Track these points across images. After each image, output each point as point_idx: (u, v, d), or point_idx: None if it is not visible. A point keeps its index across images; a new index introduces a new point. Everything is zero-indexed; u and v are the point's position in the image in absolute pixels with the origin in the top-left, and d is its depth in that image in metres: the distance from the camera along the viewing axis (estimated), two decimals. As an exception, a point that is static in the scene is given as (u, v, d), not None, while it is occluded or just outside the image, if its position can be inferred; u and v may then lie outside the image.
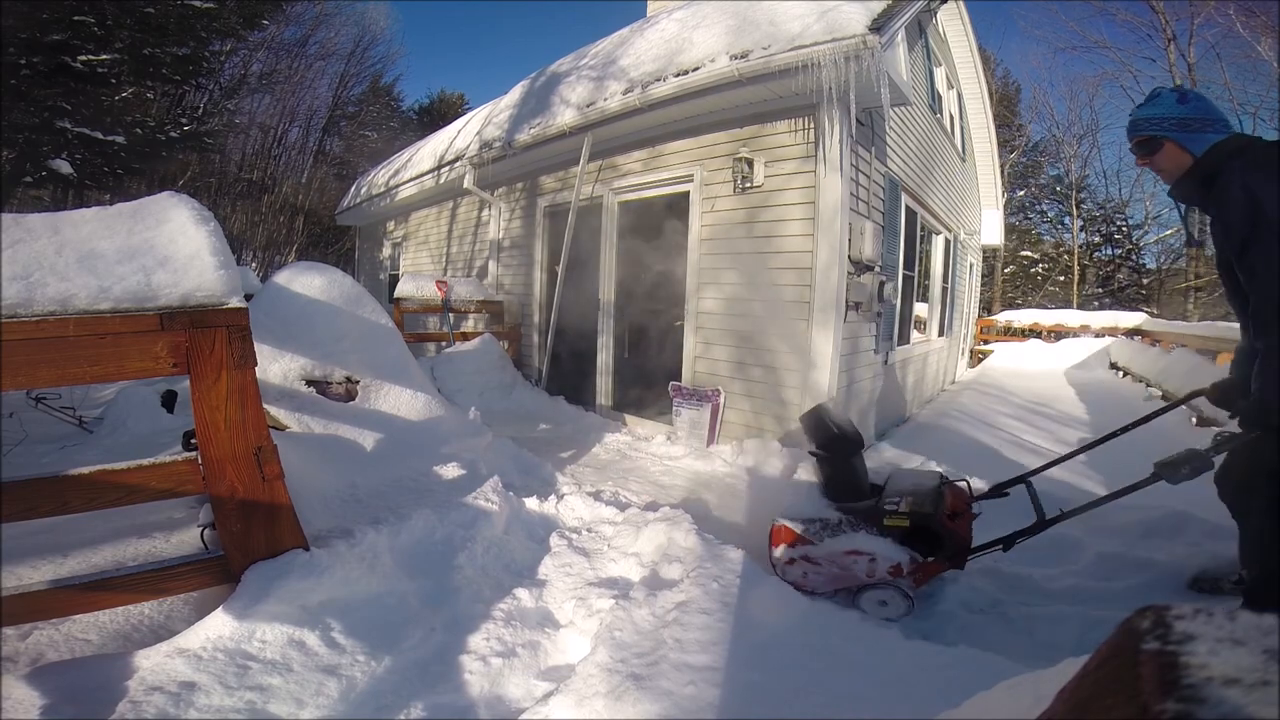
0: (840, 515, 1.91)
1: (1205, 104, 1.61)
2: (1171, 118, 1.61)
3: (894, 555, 1.79)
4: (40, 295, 1.22)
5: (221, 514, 1.45)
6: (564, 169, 5.27)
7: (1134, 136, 1.69)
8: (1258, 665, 0.24)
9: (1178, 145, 1.60)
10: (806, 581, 1.87)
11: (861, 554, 1.81)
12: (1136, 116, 1.68)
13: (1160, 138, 1.62)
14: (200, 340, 1.35)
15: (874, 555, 1.80)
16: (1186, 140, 1.59)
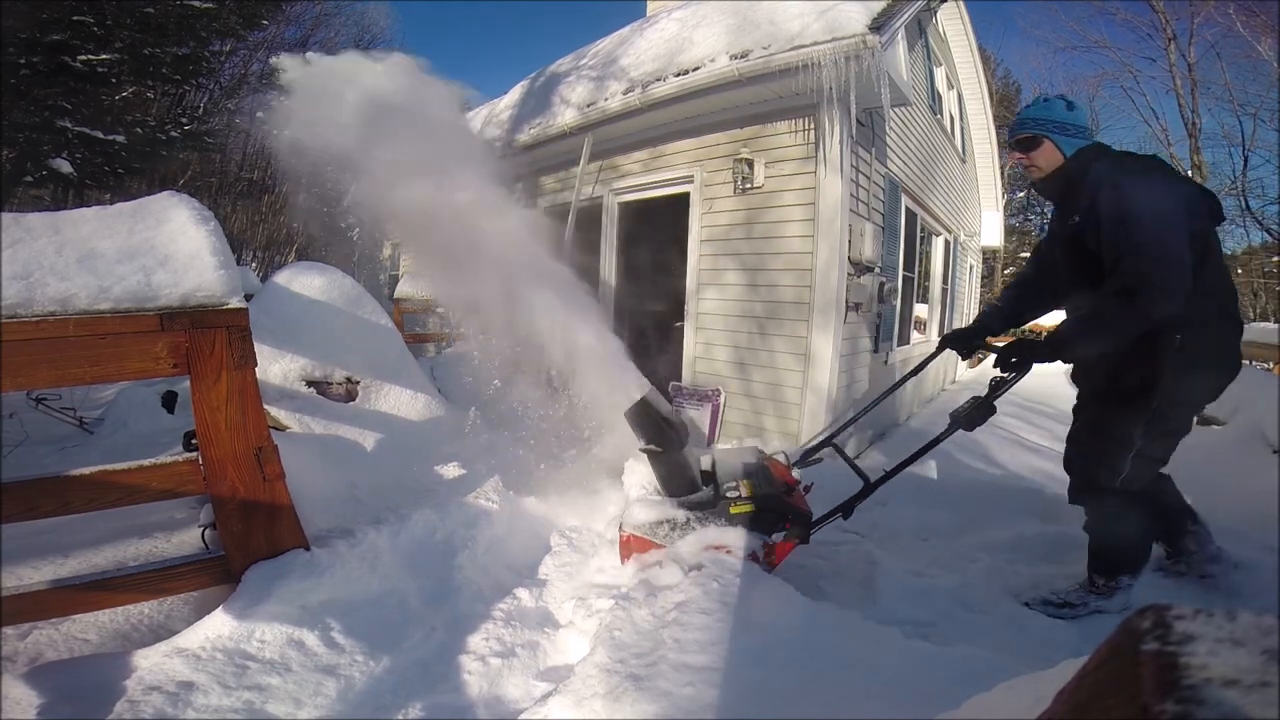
0: (685, 513, 1.84)
1: (1084, 115, 1.84)
2: (1056, 120, 1.81)
3: (749, 543, 1.76)
4: (40, 295, 1.22)
5: (222, 514, 1.45)
6: (564, 169, 5.27)
7: (1018, 133, 1.87)
8: (1257, 666, 0.24)
9: (1055, 145, 1.81)
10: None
11: (719, 547, 1.75)
12: (1025, 115, 1.86)
13: (1042, 136, 1.81)
14: (200, 340, 1.35)
15: (730, 547, 1.75)
16: (1062, 143, 1.80)
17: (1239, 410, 4.10)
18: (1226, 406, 4.38)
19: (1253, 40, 12.78)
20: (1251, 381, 4.32)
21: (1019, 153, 1.88)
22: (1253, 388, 4.18)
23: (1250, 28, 12.77)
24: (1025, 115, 1.86)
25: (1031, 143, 1.84)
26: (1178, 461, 1.95)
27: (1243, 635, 0.26)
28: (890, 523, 2.65)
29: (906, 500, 2.83)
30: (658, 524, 1.81)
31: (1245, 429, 3.80)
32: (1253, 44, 12.83)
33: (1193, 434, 1.99)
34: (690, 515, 1.82)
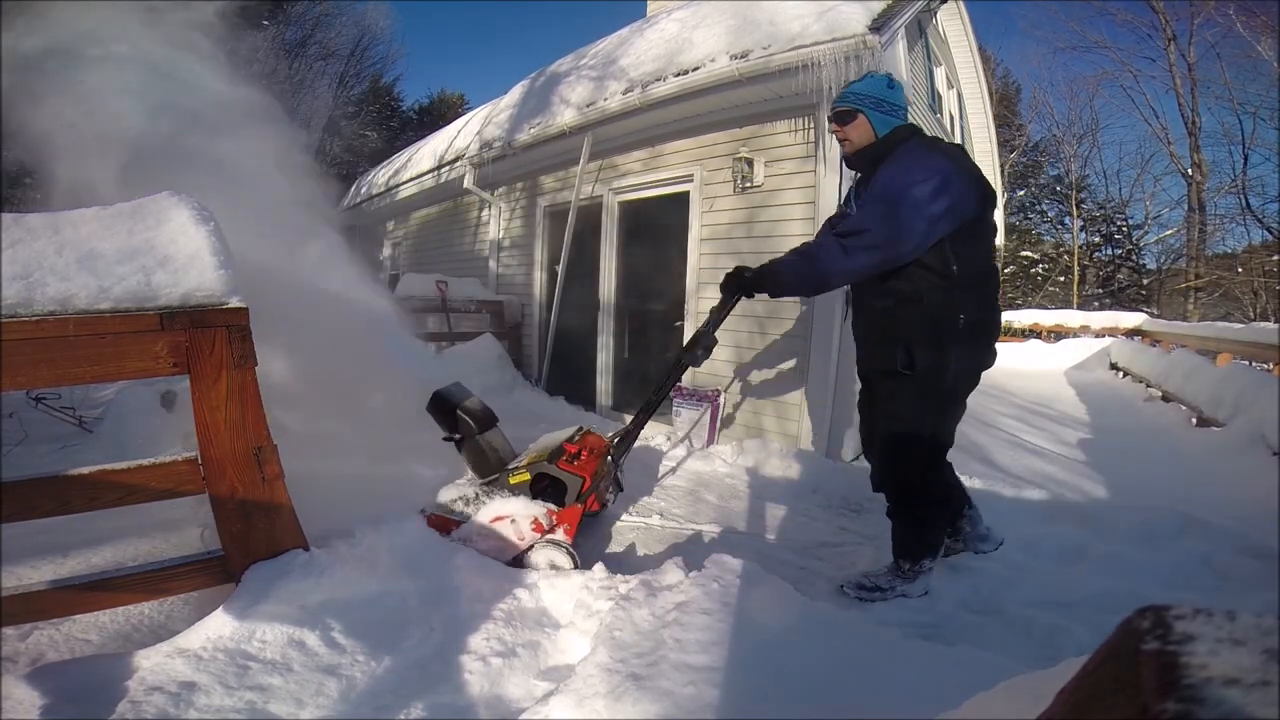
0: (476, 489, 1.99)
1: (900, 94, 1.89)
2: (873, 95, 1.86)
3: (530, 510, 1.88)
4: (40, 295, 1.22)
5: (221, 514, 1.45)
6: (564, 169, 5.27)
7: (838, 105, 1.92)
8: (1258, 665, 0.24)
9: (868, 121, 1.86)
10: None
11: (503, 517, 1.87)
12: (847, 90, 1.92)
13: (858, 110, 1.87)
14: (200, 340, 1.35)
15: (514, 515, 1.87)
16: (876, 119, 1.86)
17: (1239, 411, 4.11)
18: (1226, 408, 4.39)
19: (1253, 40, 12.79)
20: (1251, 382, 4.33)
21: (835, 124, 1.94)
22: (1253, 388, 4.18)
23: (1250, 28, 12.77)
24: (847, 90, 1.92)
25: (848, 116, 1.89)
26: (1178, 461, 1.96)
27: (1243, 634, 0.26)
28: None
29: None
30: (453, 502, 1.98)
31: (1245, 430, 3.80)
32: (1253, 44, 12.83)
33: (1193, 435, 2.01)
34: (480, 490, 1.98)
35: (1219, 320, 12.53)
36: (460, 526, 1.90)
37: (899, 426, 1.86)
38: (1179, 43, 14.60)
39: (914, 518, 1.92)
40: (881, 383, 1.92)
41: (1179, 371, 5.62)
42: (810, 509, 2.77)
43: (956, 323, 1.74)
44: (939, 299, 1.74)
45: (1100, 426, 4.89)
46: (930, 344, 1.76)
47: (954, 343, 1.76)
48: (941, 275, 1.73)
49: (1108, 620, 1.52)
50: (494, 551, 1.89)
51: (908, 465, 1.89)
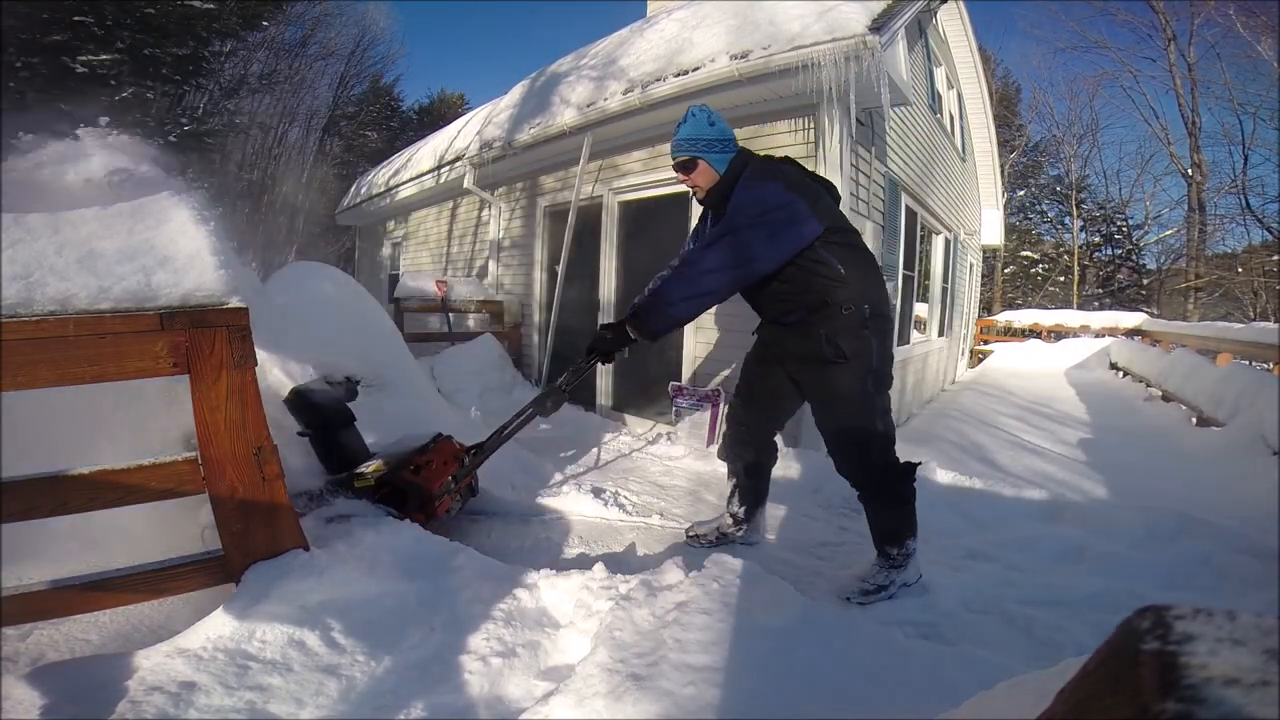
0: (323, 486, 2.04)
1: (725, 126, 1.98)
2: (704, 139, 1.95)
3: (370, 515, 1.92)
4: (40, 295, 1.22)
5: (221, 514, 1.45)
6: (564, 169, 5.27)
7: (676, 156, 2.00)
8: (1258, 665, 0.24)
9: (708, 164, 1.97)
10: None
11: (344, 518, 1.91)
12: (677, 138, 1.99)
13: (696, 157, 1.96)
14: (200, 340, 1.35)
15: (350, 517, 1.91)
16: (714, 160, 1.96)
17: (1239, 411, 4.10)
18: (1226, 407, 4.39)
19: (1253, 40, 12.79)
20: (1251, 382, 4.33)
21: (680, 174, 2.03)
22: (1253, 388, 4.18)
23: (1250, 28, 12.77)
24: (679, 138, 1.98)
25: (688, 165, 1.98)
26: (1178, 461, 1.96)
27: (1243, 634, 0.26)
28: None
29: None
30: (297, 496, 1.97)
31: (1245, 430, 3.80)
32: (1253, 44, 12.83)
33: (1193, 435, 2.03)
34: (326, 487, 2.04)
35: (1219, 320, 12.54)
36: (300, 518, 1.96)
37: (850, 412, 1.92)
38: (1179, 43, 14.61)
39: (892, 496, 1.96)
40: (812, 375, 1.97)
41: (1179, 371, 5.62)
42: (810, 509, 2.77)
43: (863, 312, 1.87)
44: (841, 296, 1.86)
45: (1100, 426, 4.89)
46: (850, 333, 1.87)
47: (868, 329, 1.88)
48: (833, 278, 1.86)
49: (1108, 620, 1.52)
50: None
51: (871, 447, 1.93)
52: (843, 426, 1.96)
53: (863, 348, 1.88)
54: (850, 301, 1.87)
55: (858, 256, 1.92)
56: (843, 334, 1.87)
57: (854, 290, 1.87)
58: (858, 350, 1.87)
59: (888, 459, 1.96)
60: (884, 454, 1.95)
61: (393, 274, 9.32)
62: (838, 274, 1.86)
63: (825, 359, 1.89)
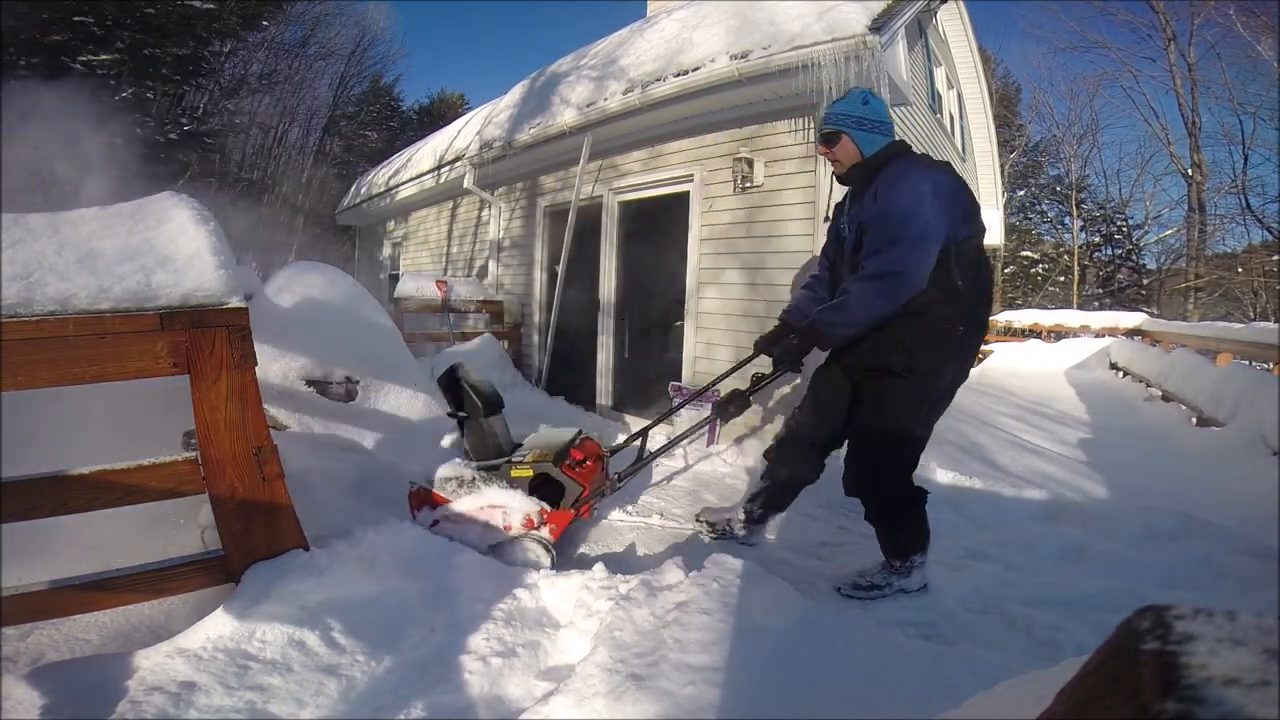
0: (474, 473, 1.97)
1: (881, 108, 1.91)
2: (853, 115, 1.89)
3: (525, 506, 1.89)
4: (40, 295, 1.22)
5: (221, 514, 1.44)
6: (564, 169, 5.27)
7: (823, 129, 1.96)
8: (1258, 665, 0.24)
9: (851, 140, 1.90)
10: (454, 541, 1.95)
11: (496, 507, 1.89)
12: (827, 111, 1.95)
13: (840, 131, 1.90)
14: (200, 340, 1.35)
15: (506, 508, 1.88)
16: (859, 138, 1.89)
17: (1239, 411, 4.10)
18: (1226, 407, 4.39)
19: (1253, 40, 12.78)
20: (1251, 382, 4.33)
21: (821, 146, 1.98)
22: (1253, 388, 4.18)
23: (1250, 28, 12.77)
24: (828, 111, 1.95)
25: (832, 138, 1.93)
26: (1178, 461, 1.97)
27: (1243, 634, 0.26)
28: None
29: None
30: (446, 480, 1.96)
31: (1245, 430, 3.80)
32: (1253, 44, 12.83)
33: (1193, 434, 2.02)
34: (478, 475, 1.97)
35: (1219, 320, 12.53)
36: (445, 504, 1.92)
37: (890, 426, 1.86)
38: (1179, 43, 14.61)
39: (900, 518, 1.93)
40: (873, 383, 1.91)
41: (1179, 371, 5.62)
42: (810, 509, 2.77)
43: (955, 334, 1.79)
44: (942, 313, 1.77)
45: (1100, 426, 4.89)
46: (930, 350, 1.79)
47: (950, 353, 1.81)
48: (946, 290, 1.75)
49: (1108, 620, 1.51)
50: (474, 535, 1.91)
51: (895, 465, 1.89)
52: (873, 444, 1.90)
53: (937, 368, 1.80)
54: (951, 319, 1.78)
55: (978, 272, 1.81)
56: (924, 349, 1.78)
57: (961, 308, 1.78)
58: (930, 369, 1.79)
59: (899, 491, 1.90)
60: (897, 485, 1.90)
61: (393, 274, 9.32)
62: (954, 287, 1.76)
63: (891, 369, 1.81)
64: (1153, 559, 2.21)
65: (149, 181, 7.43)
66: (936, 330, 1.78)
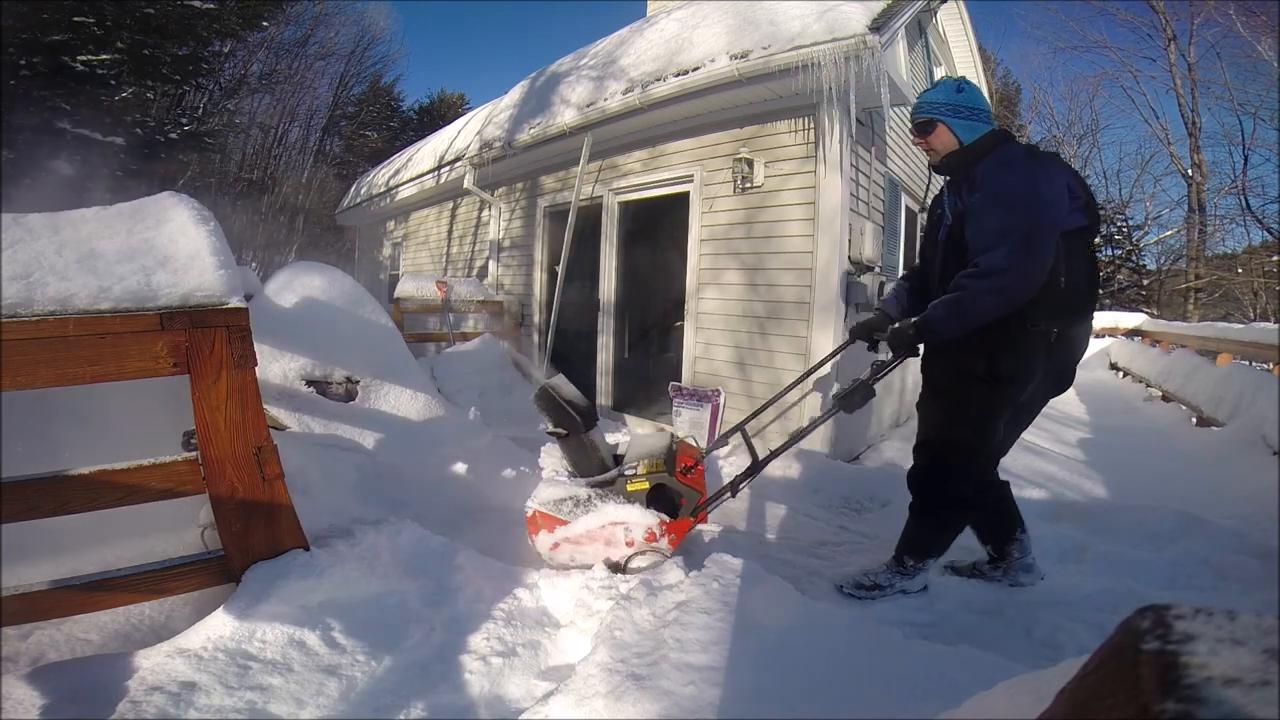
0: (589, 490, 1.93)
1: (978, 96, 1.82)
2: (947, 103, 1.81)
3: (645, 520, 1.84)
4: (40, 295, 1.22)
5: (221, 514, 1.44)
6: (564, 169, 5.27)
7: (915, 117, 1.88)
8: (1258, 665, 0.24)
9: (948, 129, 1.81)
10: (575, 562, 1.90)
11: (618, 523, 1.85)
12: (920, 99, 1.87)
13: (935, 120, 1.82)
14: (200, 340, 1.35)
15: (628, 523, 1.84)
16: (956, 125, 1.80)
17: (1239, 411, 4.10)
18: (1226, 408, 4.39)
19: (1253, 40, 12.78)
20: (1251, 382, 4.33)
21: (915, 135, 1.90)
22: (1253, 388, 4.18)
23: (1250, 28, 12.77)
24: (920, 99, 1.87)
25: (926, 126, 1.85)
26: (1178, 461, 1.96)
27: (1243, 634, 0.26)
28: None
29: (908, 501, 2.83)
30: (561, 501, 1.91)
31: (1245, 430, 3.80)
32: (1253, 44, 12.83)
33: (1193, 434, 2.00)
34: (593, 493, 1.92)
35: (1219, 320, 12.52)
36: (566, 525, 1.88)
37: (963, 433, 1.76)
38: (1179, 43, 14.60)
39: (941, 521, 1.86)
40: (952, 385, 1.80)
41: (1179, 371, 5.62)
42: (810, 509, 2.77)
43: (1049, 337, 1.65)
44: (1038, 312, 1.63)
45: (1100, 426, 4.89)
46: (1015, 354, 1.65)
47: (1042, 358, 1.67)
48: (1045, 287, 1.60)
49: (1108, 620, 1.52)
50: (594, 554, 1.87)
51: (963, 473, 1.79)
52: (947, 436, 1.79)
53: (1023, 374, 1.68)
54: (1046, 319, 1.64)
55: (1085, 269, 1.68)
56: (1009, 352, 1.65)
57: (1059, 307, 1.64)
58: (1016, 375, 1.67)
59: (961, 493, 1.81)
60: (970, 484, 1.80)
61: (393, 274, 9.32)
62: (1056, 284, 1.62)
63: (971, 373, 1.70)
64: (1153, 559, 2.21)
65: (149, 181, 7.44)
66: (1026, 331, 1.64)
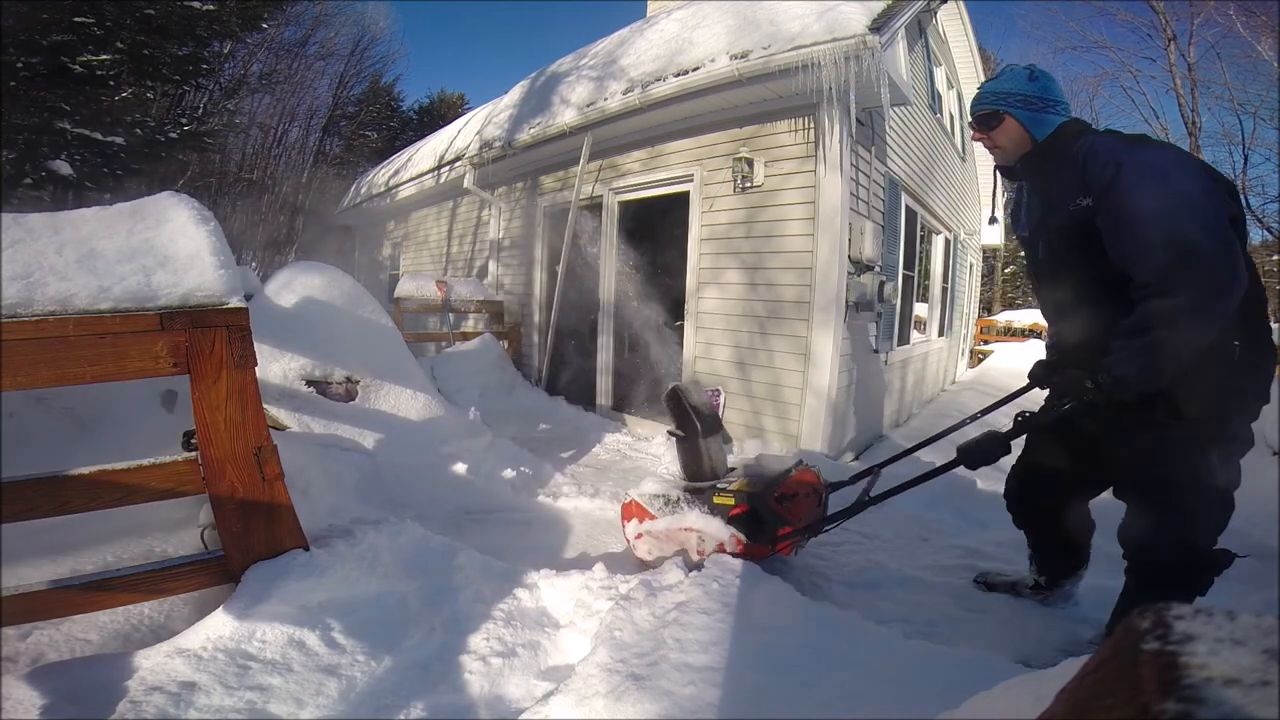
0: (681, 493, 1.96)
1: (1053, 85, 1.56)
2: (1017, 93, 1.55)
3: (718, 533, 1.84)
4: (40, 295, 1.22)
5: (221, 514, 1.44)
6: (564, 169, 5.27)
7: (977, 110, 1.62)
8: (1258, 665, 0.24)
9: (1018, 122, 1.55)
10: (651, 557, 1.95)
11: (692, 530, 1.87)
12: (982, 90, 1.62)
13: (1002, 112, 1.57)
14: (200, 340, 1.35)
15: (702, 533, 1.85)
16: (1028, 119, 1.55)
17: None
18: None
19: (1253, 40, 12.77)
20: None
21: (977, 131, 1.64)
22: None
23: (1250, 28, 12.76)
24: (984, 89, 1.62)
25: (990, 119, 1.59)
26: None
27: (1243, 635, 0.26)
28: (892, 523, 2.65)
29: (908, 501, 2.83)
30: (655, 496, 1.98)
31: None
32: (1253, 44, 12.82)
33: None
34: (684, 496, 1.95)
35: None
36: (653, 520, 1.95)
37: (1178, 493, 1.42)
38: (1179, 43, 14.59)
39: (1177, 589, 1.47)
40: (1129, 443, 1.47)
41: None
42: (810, 509, 2.77)
43: (1232, 351, 1.33)
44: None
45: (1100, 426, 4.88)
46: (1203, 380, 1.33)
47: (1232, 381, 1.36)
48: None
49: (1107, 619, 1.51)
50: (669, 553, 1.90)
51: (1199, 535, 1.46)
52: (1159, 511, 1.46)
53: (1215, 402, 1.35)
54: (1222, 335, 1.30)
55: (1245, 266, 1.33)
56: (1188, 381, 1.32)
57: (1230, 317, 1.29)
58: (1208, 407, 1.35)
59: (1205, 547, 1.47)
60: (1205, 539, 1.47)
61: (393, 274, 9.32)
62: None
63: (1152, 420, 1.39)
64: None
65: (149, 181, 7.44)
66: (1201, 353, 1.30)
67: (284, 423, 2.46)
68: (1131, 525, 1.54)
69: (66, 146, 6.36)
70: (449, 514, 2.39)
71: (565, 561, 2.18)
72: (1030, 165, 1.58)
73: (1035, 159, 1.56)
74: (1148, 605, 0.36)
